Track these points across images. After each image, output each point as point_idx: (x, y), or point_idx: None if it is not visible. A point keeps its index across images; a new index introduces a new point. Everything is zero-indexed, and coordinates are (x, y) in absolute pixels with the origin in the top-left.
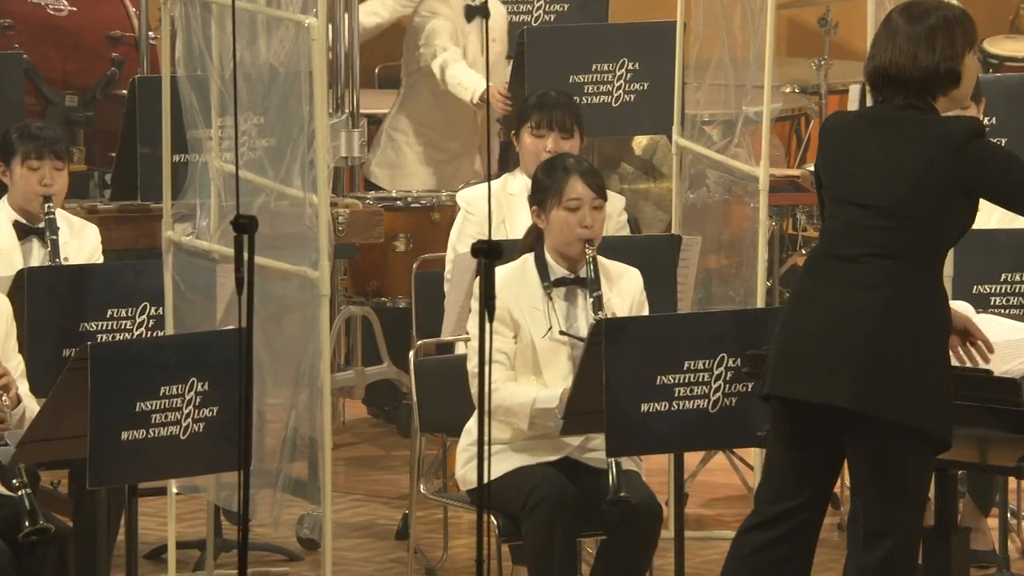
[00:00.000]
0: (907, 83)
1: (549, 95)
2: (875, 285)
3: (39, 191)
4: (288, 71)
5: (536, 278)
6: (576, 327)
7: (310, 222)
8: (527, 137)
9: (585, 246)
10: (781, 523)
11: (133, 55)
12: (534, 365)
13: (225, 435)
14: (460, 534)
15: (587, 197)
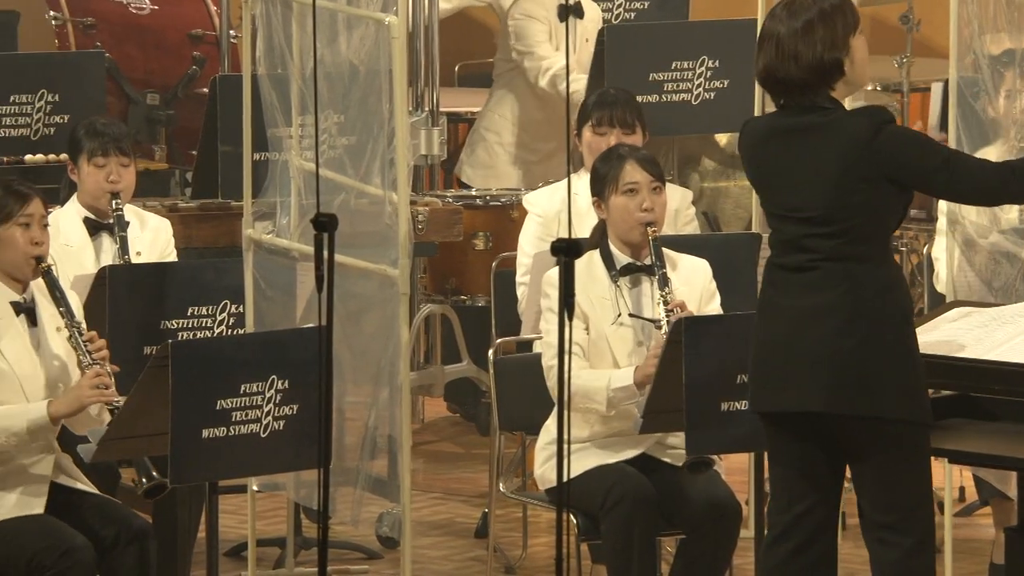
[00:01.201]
0: (795, 82)
1: (608, 92)
2: (828, 287)
3: (106, 188)
4: (368, 69)
5: (603, 269)
6: (644, 311)
7: (390, 220)
8: (589, 135)
9: (647, 229)
10: (798, 531)
11: (214, 53)
12: (609, 354)
13: (305, 433)
14: (539, 532)
15: (644, 181)
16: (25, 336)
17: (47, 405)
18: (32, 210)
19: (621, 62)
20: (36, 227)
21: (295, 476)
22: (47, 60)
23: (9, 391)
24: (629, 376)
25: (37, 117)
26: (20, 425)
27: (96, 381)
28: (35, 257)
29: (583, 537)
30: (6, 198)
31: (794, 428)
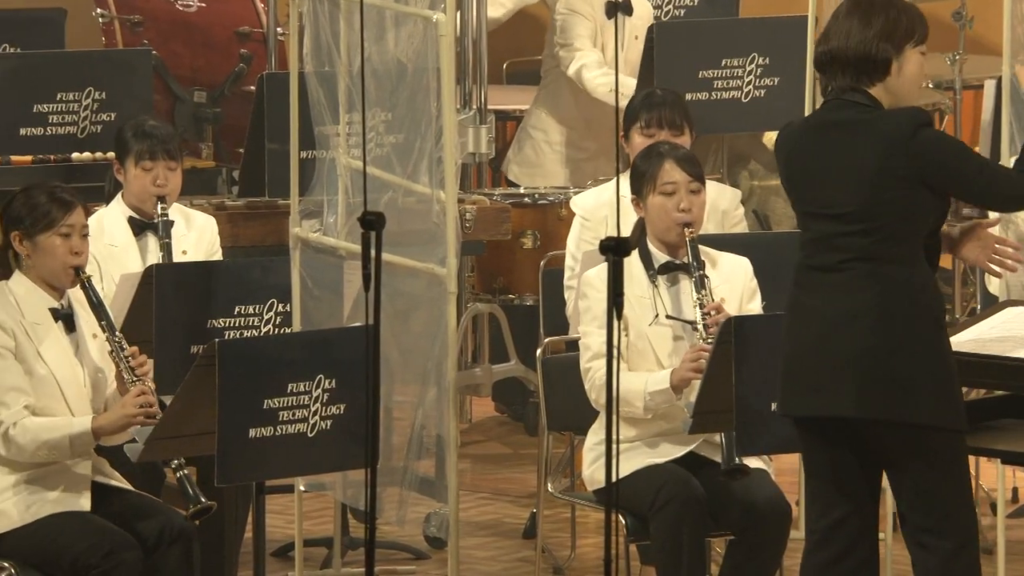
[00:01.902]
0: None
1: (656, 93)
2: (859, 288)
3: (152, 191)
4: (416, 67)
5: (640, 268)
6: (683, 312)
7: (437, 219)
8: (637, 137)
9: (684, 230)
10: (836, 538)
11: (261, 51)
12: (652, 354)
13: (352, 432)
14: (588, 533)
15: (683, 181)
16: (64, 342)
17: (91, 420)
18: (74, 220)
19: (670, 60)
20: (76, 237)
21: (342, 476)
22: (94, 58)
23: (50, 396)
24: (666, 379)
25: (84, 115)
26: (62, 439)
27: (139, 400)
28: (74, 267)
29: (632, 538)
30: (49, 205)
31: (825, 434)
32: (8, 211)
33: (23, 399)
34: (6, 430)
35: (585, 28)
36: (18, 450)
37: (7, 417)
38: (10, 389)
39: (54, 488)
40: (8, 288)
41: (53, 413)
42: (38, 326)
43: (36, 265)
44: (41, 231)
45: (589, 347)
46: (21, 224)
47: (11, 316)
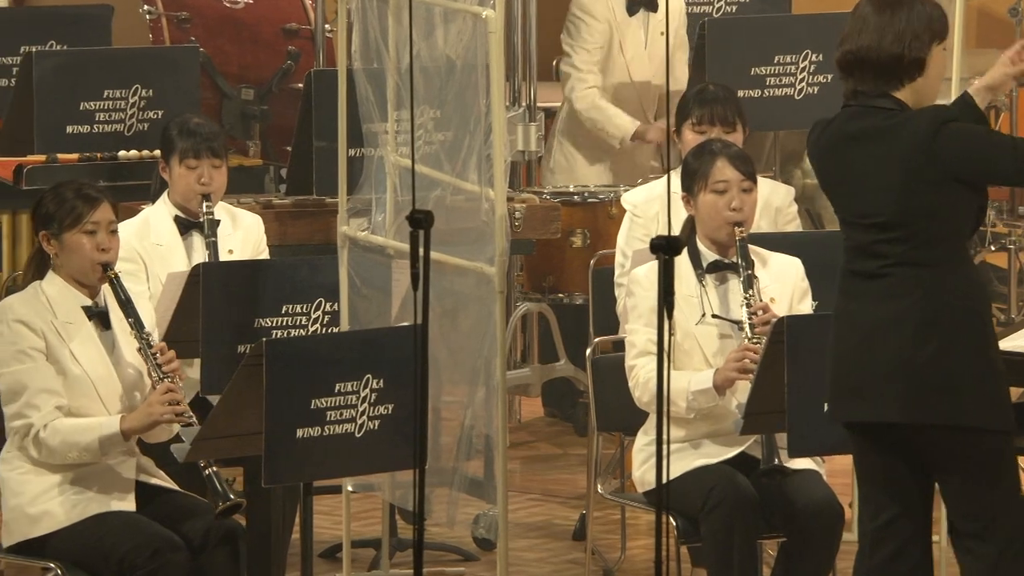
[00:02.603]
0: (874, 68)
1: (708, 89)
2: (900, 294)
3: (197, 190)
4: (465, 64)
5: (688, 266)
6: (731, 311)
7: (486, 217)
8: (689, 133)
9: (735, 229)
10: (888, 542)
11: (309, 48)
12: (700, 353)
13: (400, 433)
14: (638, 535)
15: (735, 179)
16: (97, 341)
17: (119, 421)
18: (99, 217)
19: (722, 56)
20: (103, 233)
21: (390, 477)
22: (141, 55)
23: (84, 396)
24: (709, 379)
25: (131, 112)
26: (92, 441)
27: (166, 397)
28: (101, 264)
29: (683, 540)
30: (75, 201)
31: (875, 439)
32: (37, 210)
33: (54, 400)
34: (36, 432)
35: (592, 34)
36: (49, 452)
37: (37, 420)
38: (40, 391)
39: (99, 488)
40: (40, 288)
41: (88, 412)
42: (70, 325)
43: (65, 264)
44: (67, 229)
45: (634, 344)
46: (49, 224)
47: (41, 317)
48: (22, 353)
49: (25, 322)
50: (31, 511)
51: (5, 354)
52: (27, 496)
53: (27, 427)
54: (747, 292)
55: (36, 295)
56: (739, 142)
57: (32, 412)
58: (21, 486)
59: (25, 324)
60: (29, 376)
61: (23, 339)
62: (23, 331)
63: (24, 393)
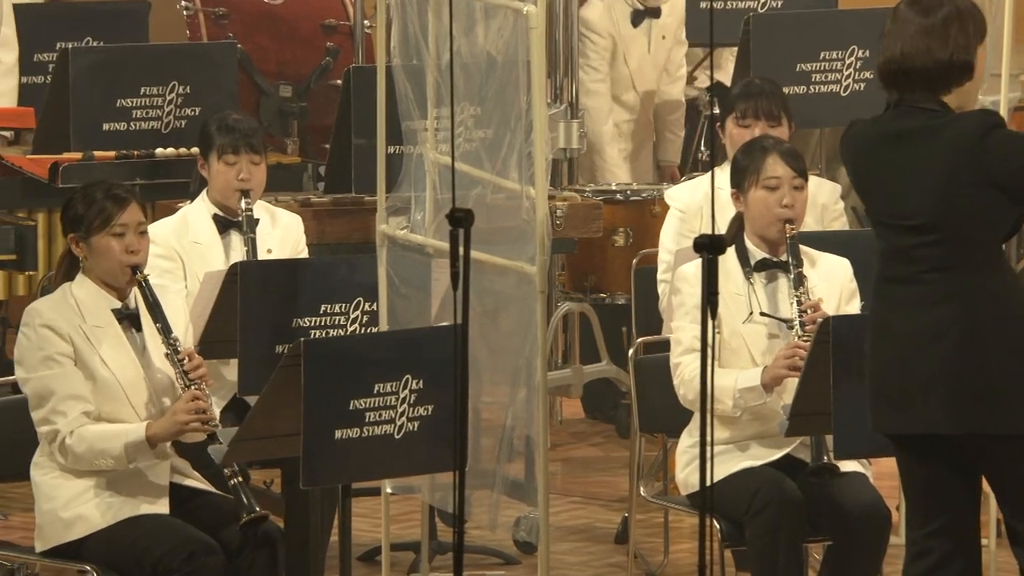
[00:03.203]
0: (921, 76)
1: (754, 83)
2: (939, 302)
3: (236, 186)
4: (506, 60)
5: (736, 264)
6: (778, 311)
7: (527, 216)
8: (733, 127)
9: (785, 227)
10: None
11: (348, 44)
12: (746, 352)
13: (440, 434)
14: (681, 538)
15: (786, 176)
16: (127, 344)
17: (145, 428)
18: (127, 218)
19: (767, 52)
20: (131, 235)
21: (430, 478)
22: (178, 51)
23: (113, 400)
24: (757, 377)
25: (168, 110)
26: (118, 448)
27: (192, 406)
28: (131, 266)
29: (727, 543)
30: (104, 202)
31: (918, 449)
32: (66, 212)
33: (81, 406)
34: (63, 439)
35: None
36: (75, 459)
37: (64, 426)
38: (67, 397)
39: (132, 491)
40: (69, 291)
41: (118, 417)
42: (99, 329)
43: (94, 267)
44: (95, 232)
45: (680, 342)
46: (77, 227)
47: (69, 321)
48: (49, 359)
49: (53, 327)
50: (64, 515)
51: (32, 359)
52: (60, 500)
53: (53, 433)
54: (797, 290)
55: (65, 298)
56: (784, 137)
57: (58, 418)
58: (54, 490)
59: (53, 329)
60: (56, 382)
61: (50, 344)
62: (50, 336)
63: (51, 399)
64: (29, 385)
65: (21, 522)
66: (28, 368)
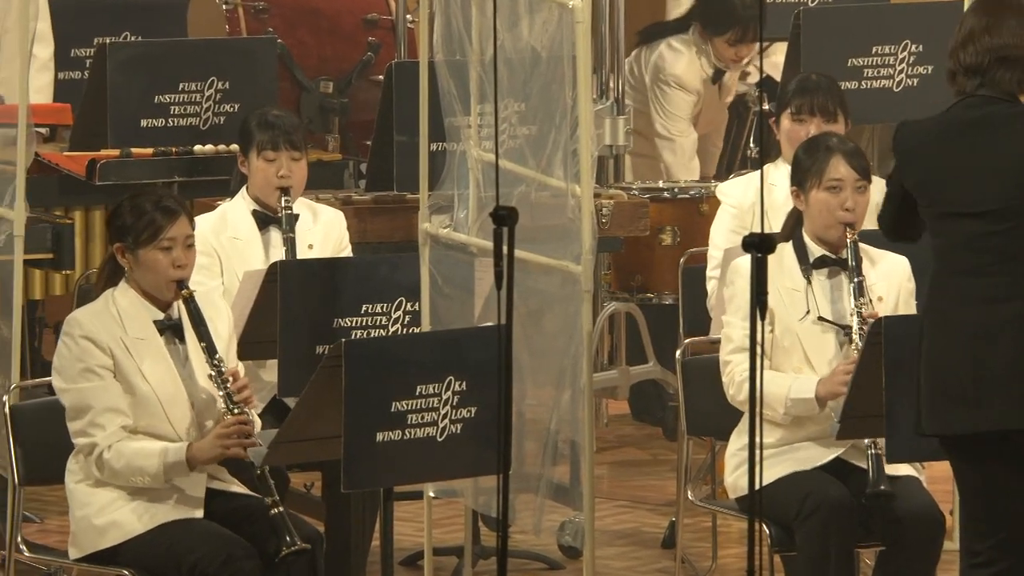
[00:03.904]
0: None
1: (810, 78)
2: (1006, 297)
3: (276, 183)
4: (551, 55)
5: (794, 260)
6: (840, 309)
7: (572, 214)
8: (787, 123)
9: (846, 230)
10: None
11: (390, 39)
12: (800, 353)
13: (484, 437)
14: (730, 543)
15: (850, 178)
16: (168, 357)
17: (185, 449)
18: (175, 232)
19: (818, 47)
20: (179, 249)
21: (473, 482)
22: (217, 46)
23: (152, 415)
24: (811, 388)
25: (207, 106)
26: (156, 467)
27: (233, 431)
28: (176, 280)
29: (776, 548)
30: (153, 214)
31: (977, 451)
32: (114, 220)
33: (119, 420)
34: (100, 453)
35: (687, 104)
36: (112, 474)
37: (102, 440)
38: (106, 410)
39: (168, 496)
40: (113, 299)
41: (156, 431)
42: (141, 341)
43: (139, 278)
44: (142, 245)
45: (731, 339)
46: (124, 237)
47: (110, 332)
48: (88, 371)
49: (93, 339)
50: (97, 522)
51: (71, 370)
52: (94, 507)
53: (91, 446)
54: (858, 300)
55: (107, 307)
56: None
57: (97, 431)
58: (88, 497)
59: (92, 341)
60: (95, 395)
61: (90, 356)
62: (90, 348)
63: (89, 412)
64: (67, 396)
65: (57, 525)
66: (67, 379)
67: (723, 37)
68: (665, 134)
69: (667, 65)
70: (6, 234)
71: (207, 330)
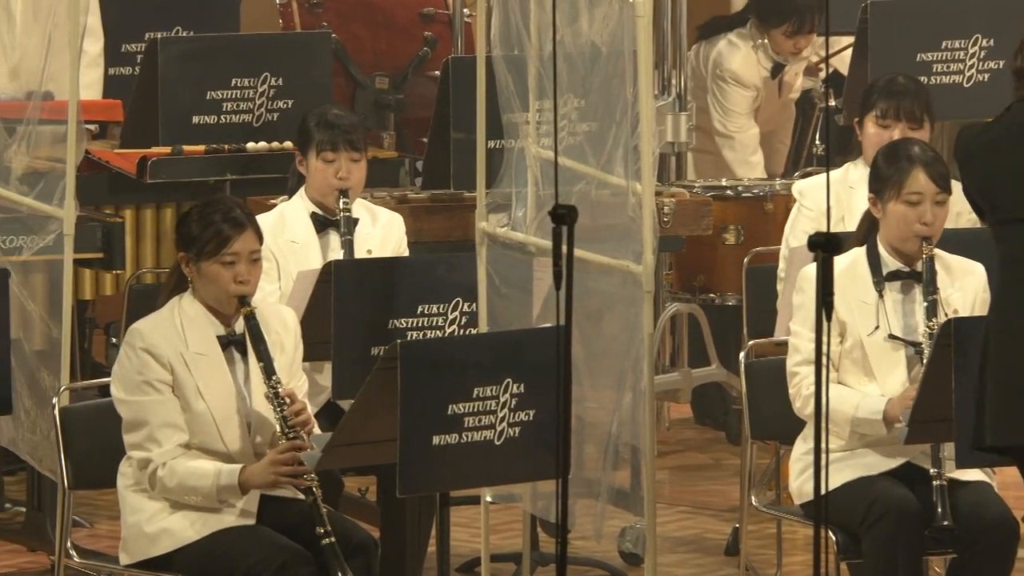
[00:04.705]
0: None
1: (897, 80)
2: None
3: (335, 184)
4: (611, 50)
5: (867, 271)
6: (912, 324)
7: (633, 212)
8: (871, 127)
9: (922, 244)
10: None
11: (447, 34)
12: (864, 366)
13: (542, 440)
14: (795, 550)
15: (929, 191)
16: (227, 375)
17: (240, 472)
18: (240, 247)
19: (886, 42)
20: (243, 264)
21: (531, 487)
22: (270, 41)
23: (205, 433)
24: (880, 409)
25: (259, 102)
26: (208, 488)
27: (287, 458)
28: (238, 296)
29: (843, 556)
30: (220, 225)
31: None
32: (180, 228)
33: (176, 437)
34: (155, 469)
35: (746, 100)
36: (164, 491)
37: (157, 456)
38: (164, 425)
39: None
40: (179, 308)
41: (209, 448)
42: (201, 357)
43: (201, 290)
44: (206, 257)
45: (799, 350)
46: (189, 247)
47: (172, 346)
48: (147, 384)
49: (153, 352)
50: (149, 529)
51: (130, 382)
52: (145, 513)
53: (146, 461)
54: (930, 320)
55: (171, 319)
56: (925, 139)
57: (153, 447)
58: (139, 503)
59: (152, 355)
60: (152, 409)
61: (149, 370)
62: (150, 362)
63: (146, 426)
64: (124, 408)
65: (107, 530)
66: (125, 390)
67: (780, 29)
68: (723, 131)
69: (724, 60)
70: (56, 233)
71: (266, 349)
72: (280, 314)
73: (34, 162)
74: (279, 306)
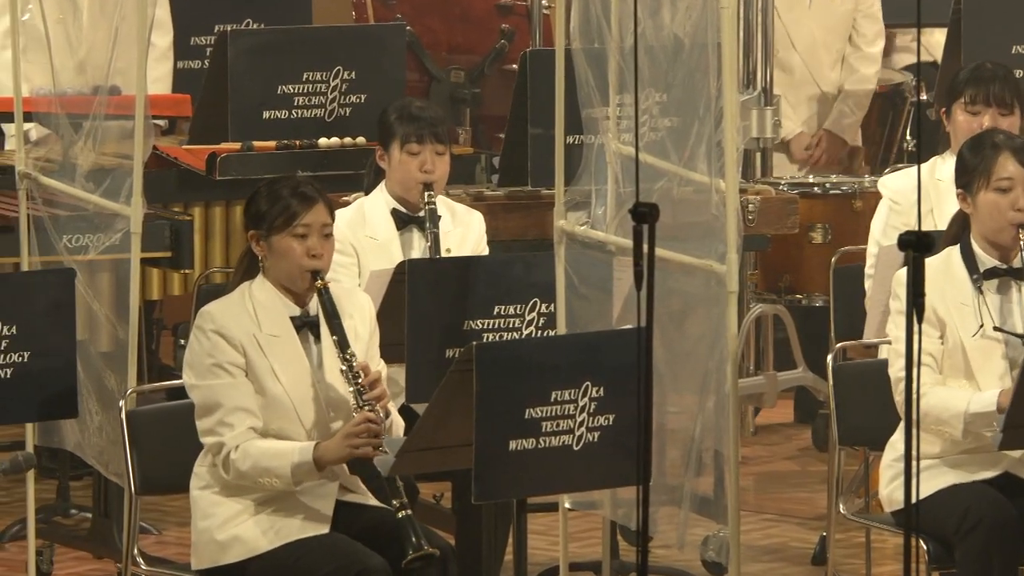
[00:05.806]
0: None
1: (985, 67)
2: None
3: (419, 178)
4: (694, 43)
5: (963, 270)
6: (1012, 323)
7: (717, 210)
8: (960, 115)
9: (1018, 232)
10: None
11: (524, 26)
12: (965, 368)
13: (622, 445)
14: (884, 560)
15: (1020, 176)
16: (302, 356)
17: (314, 448)
18: (311, 219)
19: (980, 34)
20: (315, 237)
21: (611, 493)
22: (343, 34)
23: (282, 417)
24: (992, 401)
25: (332, 97)
26: (284, 468)
27: (362, 429)
28: (311, 270)
29: (934, 566)
30: (289, 200)
31: None
32: (249, 207)
33: (249, 421)
34: (227, 453)
35: None
36: (239, 475)
37: (230, 440)
38: (236, 409)
39: (295, 512)
40: (248, 292)
41: (286, 434)
42: (275, 339)
43: (273, 268)
44: (276, 231)
45: (901, 354)
46: (259, 224)
47: (244, 329)
48: (219, 367)
49: (225, 335)
50: (220, 537)
51: (201, 366)
52: (217, 519)
53: (219, 446)
54: None
55: (242, 301)
56: (1015, 128)
57: (225, 431)
58: (212, 507)
59: (224, 337)
60: (225, 392)
61: (221, 353)
62: (222, 344)
63: (218, 410)
64: (196, 392)
65: (175, 537)
66: (197, 374)
67: None
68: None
69: None
70: (123, 231)
71: (340, 323)
72: (355, 298)
73: (100, 159)
74: (355, 289)
